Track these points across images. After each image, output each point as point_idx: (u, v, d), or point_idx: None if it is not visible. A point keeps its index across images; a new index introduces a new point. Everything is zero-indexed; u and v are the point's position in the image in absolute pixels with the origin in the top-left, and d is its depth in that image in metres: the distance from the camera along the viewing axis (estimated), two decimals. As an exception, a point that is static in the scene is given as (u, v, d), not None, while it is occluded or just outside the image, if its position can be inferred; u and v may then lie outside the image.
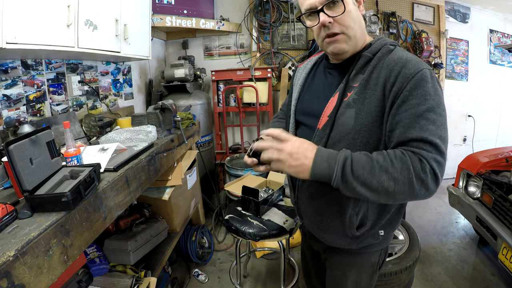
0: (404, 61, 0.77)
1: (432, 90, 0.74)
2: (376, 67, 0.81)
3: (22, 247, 0.67)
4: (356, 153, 0.73)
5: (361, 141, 0.81)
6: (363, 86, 0.81)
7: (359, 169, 0.70)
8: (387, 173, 0.69)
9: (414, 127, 0.72)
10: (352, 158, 0.71)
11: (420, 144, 0.71)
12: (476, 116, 3.80)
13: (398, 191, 0.69)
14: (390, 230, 0.97)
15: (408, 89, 0.74)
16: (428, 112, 0.72)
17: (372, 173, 0.69)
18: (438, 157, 0.69)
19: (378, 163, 0.70)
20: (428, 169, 0.68)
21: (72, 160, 1.08)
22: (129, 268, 1.49)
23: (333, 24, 0.81)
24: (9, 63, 1.47)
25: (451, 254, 2.36)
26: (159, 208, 1.93)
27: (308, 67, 1.05)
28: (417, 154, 0.70)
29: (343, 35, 0.82)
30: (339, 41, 0.83)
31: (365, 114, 0.80)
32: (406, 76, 0.75)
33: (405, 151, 0.71)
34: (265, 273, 2.24)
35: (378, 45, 0.84)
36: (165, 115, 1.77)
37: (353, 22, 0.81)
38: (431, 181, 0.69)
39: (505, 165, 2.18)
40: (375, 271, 1.04)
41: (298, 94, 1.03)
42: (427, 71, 0.75)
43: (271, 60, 3.33)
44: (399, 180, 0.68)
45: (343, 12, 0.78)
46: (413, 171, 0.68)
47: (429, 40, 3.24)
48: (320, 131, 0.89)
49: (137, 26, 2.04)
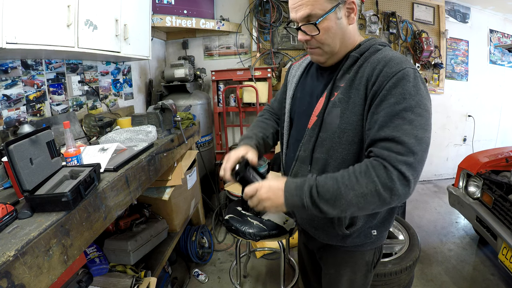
0: (387, 60, 0.77)
1: (413, 89, 0.73)
2: (361, 67, 0.82)
3: (22, 247, 0.67)
4: (322, 177, 0.76)
5: (346, 139, 0.82)
6: (348, 86, 0.82)
7: (325, 194, 0.73)
8: (353, 191, 0.71)
9: (388, 126, 0.72)
10: (317, 184, 0.75)
11: (390, 144, 0.71)
12: (476, 116, 3.80)
13: (369, 203, 0.71)
14: (383, 229, 0.97)
15: (387, 87, 0.74)
16: (406, 112, 0.71)
17: (339, 194, 0.72)
18: (410, 158, 0.69)
19: (343, 184, 0.72)
20: (395, 176, 0.68)
21: (72, 160, 1.08)
22: (129, 268, 1.49)
23: (310, 40, 0.84)
24: (9, 63, 1.47)
25: (451, 254, 2.36)
26: (159, 208, 1.93)
27: (303, 65, 1.05)
28: (382, 160, 0.70)
29: (319, 49, 0.85)
30: (316, 54, 0.88)
31: (349, 113, 0.81)
32: (387, 75, 0.75)
33: (369, 163, 0.72)
34: (265, 273, 2.24)
35: (366, 46, 0.85)
36: (165, 115, 1.77)
37: (330, 40, 0.83)
38: (400, 186, 0.69)
39: (505, 165, 2.17)
40: (369, 269, 1.04)
41: (293, 92, 1.03)
42: (409, 70, 0.75)
43: (271, 60, 3.33)
44: (366, 194, 0.70)
45: (318, 33, 0.81)
46: (379, 182, 0.69)
47: (429, 40, 3.24)
48: (310, 130, 0.90)
49: (137, 26, 2.04)
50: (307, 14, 0.79)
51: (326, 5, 0.78)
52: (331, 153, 0.85)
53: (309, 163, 0.90)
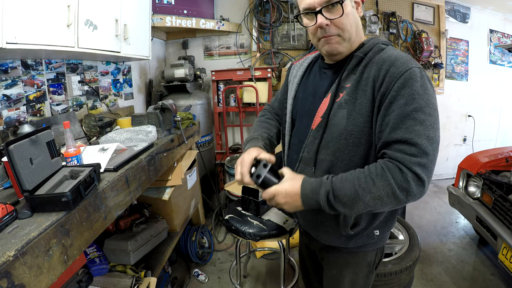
0: (393, 59, 0.77)
1: (421, 89, 0.73)
2: (366, 67, 0.81)
3: (22, 247, 0.67)
4: (338, 180, 0.76)
5: (353, 141, 0.82)
6: (354, 87, 0.81)
7: (343, 197, 0.74)
8: (370, 194, 0.72)
9: (400, 128, 0.72)
10: (334, 188, 0.75)
11: (403, 146, 0.71)
12: (476, 116, 3.80)
13: (386, 204, 0.73)
14: (385, 230, 0.97)
15: (396, 88, 0.74)
16: (416, 112, 0.72)
17: (356, 198, 0.73)
18: (423, 159, 0.69)
19: (360, 186, 0.73)
20: (410, 177, 0.69)
21: (72, 160, 1.08)
22: (129, 268, 1.49)
23: (330, 26, 0.81)
24: (9, 63, 1.47)
25: (451, 254, 2.36)
26: (159, 208, 1.93)
27: (304, 65, 1.04)
28: (397, 163, 0.71)
29: (338, 37, 0.83)
30: (334, 43, 0.84)
31: (356, 114, 0.80)
32: (394, 75, 0.75)
33: (385, 164, 0.72)
34: (265, 273, 2.24)
35: (370, 45, 0.84)
36: (165, 115, 1.77)
37: (349, 25, 0.81)
38: (415, 187, 0.70)
39: (505, 165, 2.17)
40: (371, 270, 1.04)
41: (294, 92, 1.02)
42: (416, 70, 0.75)
43: (271, 60, 3.33)
44: (383, 196, 0.72)
45: (341, 15, 0.78)
46: (395, 184, 0.70)
47: (429, 40, 3.24)
48: (314, 131, 0.89)
49: (137, 26, 2.04)
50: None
51: None
52: (337, 155, 0.84)
53: (313, 165, 0.90)
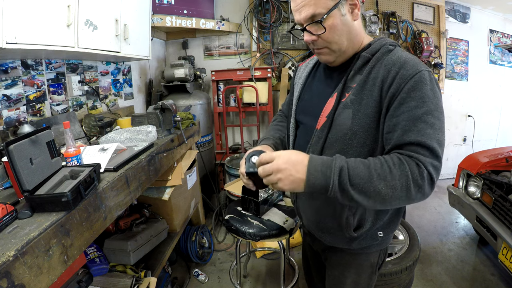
0: (402, 61, 0.77)
1: (431, 92, 0.74)
2: (374, 68, 0.81)
3: (22, 247, 0.67)
4: (352, 160, 0.72)
5: (358, 142, 0.81)
6: (360, 87, 0.81)
7: (356, 178, 0.69)
8: (385, 181, 0.68)
9: (412, 130, 0.72)
10: (349, 167, 0.70)
11: (417, 148, 0.71)
12: (476, 116, 3.80)
13: (396, 197, 0.69)
14: (389, 231, 0.97)
15: (406, 90, 0.74)
16: (427, 115, 0.72)
17: (370, 182, 0.68)
18: (435, 161, 0.70)
19: (376, 171, 0.69)
20: (425, 174, 0.69)
21: (72, 160, 1.08)
22: (129, 268, 1.49)
23: (317, 40, 0.83)
24: (9, 63, 1.47)
25: (451, 254, 2.36)
26: (159, 208, 1.93)
27: (309, 66, 1.05)
28: (415, 158, 0.70)
29: (327, 49, 0.84)
30: (324, 54, 0.86)
31: (362, 115, 0.80)
32: (404, 77, 0.75)
33: (402, 157, 0.71)
34: (265, 273, 2.24)
35: (377, 45, 0.84)
36: (165, 115, 1.78)
37: (337, 37, 0.81)
38: (427, 186, 0.69)
39: (505, 165, 2.17)
40: (374, 271, 1.04)
41: (299, 93, 1.03)
42: (425, 73, 0.75)
43: (271, 60, 3.33)
44: (397, 187, 0.68)
45: (324, 32, 0.80)
46: (411, 177, 0.68)
47: (429, 40, 3.24)
48: (319, 131, 0.89)
49: (137, 26, 2.04)
50: (311, 14, 0.78)
51: (328, 3, 0.77)
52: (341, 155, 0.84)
53: None
